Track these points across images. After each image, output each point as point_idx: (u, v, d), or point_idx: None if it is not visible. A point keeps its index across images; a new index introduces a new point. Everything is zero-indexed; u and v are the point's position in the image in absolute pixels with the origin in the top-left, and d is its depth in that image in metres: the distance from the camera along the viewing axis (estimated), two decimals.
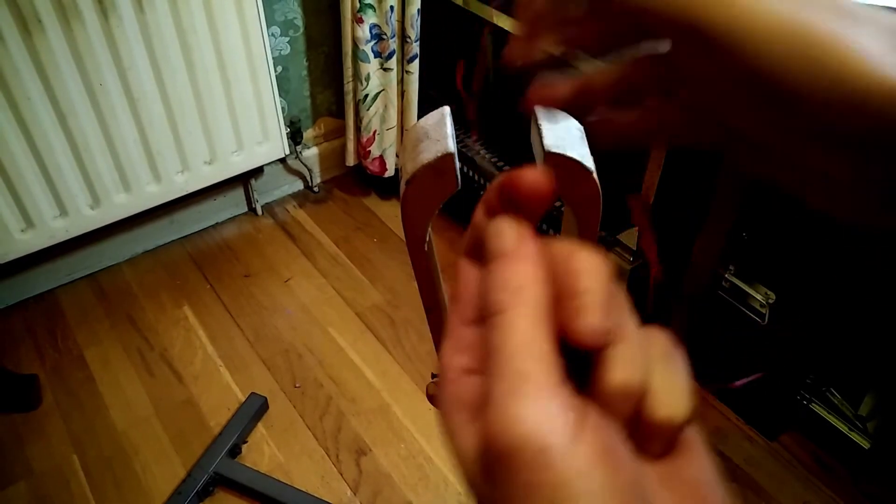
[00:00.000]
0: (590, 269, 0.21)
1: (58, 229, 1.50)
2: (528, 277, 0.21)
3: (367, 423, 1.39)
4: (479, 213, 0.24)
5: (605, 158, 0.31)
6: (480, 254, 0.24)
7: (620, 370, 0.21)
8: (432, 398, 0.50)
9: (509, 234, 0.22)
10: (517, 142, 1.48)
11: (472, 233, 0.24)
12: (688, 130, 0.30)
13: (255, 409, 1.38)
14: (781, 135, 0.24)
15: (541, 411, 0.18)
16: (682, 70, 0.26)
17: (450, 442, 0.22)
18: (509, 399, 0.19)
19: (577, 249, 0.22)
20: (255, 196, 1.86)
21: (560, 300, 0.21)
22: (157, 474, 1.31)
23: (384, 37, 1.61)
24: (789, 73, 0.22)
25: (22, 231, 1.46)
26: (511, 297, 0.21)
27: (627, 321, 0.22)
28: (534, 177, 0.22)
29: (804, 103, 0.22)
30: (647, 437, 0.21)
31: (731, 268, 1.24)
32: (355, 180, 1.99)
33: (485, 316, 0.21)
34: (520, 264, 0.21)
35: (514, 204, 0.23)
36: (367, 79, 1.67)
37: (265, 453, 1.35)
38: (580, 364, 0.21)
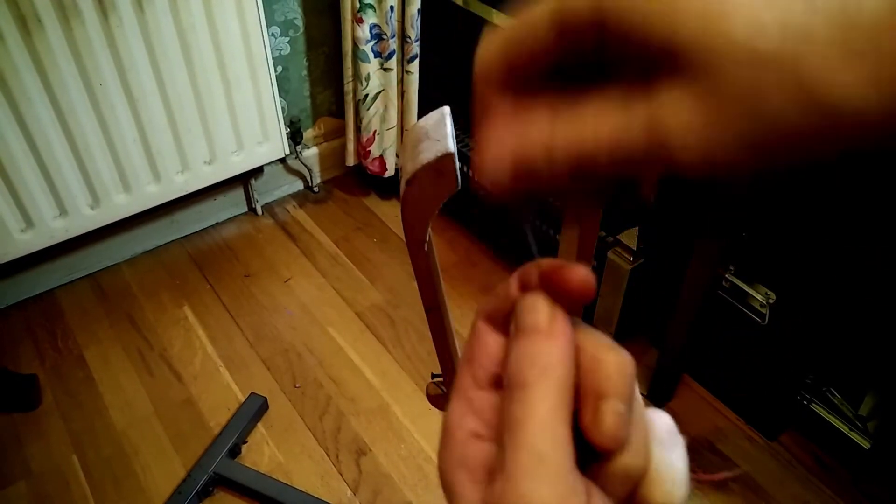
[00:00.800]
0: (618, 372, 0.21)
1: (57, 229, 1.50)
2: (556, 358, 0.21)
3: (366, 423, 1.39)
4: (512, 285, 0.24)
5: None
6: (502, 322, 0.24)
7: (625, 454, 0.21)
8: (432, 398, 0.50)
9: (544, 312, 0.22)
10: None
11: (500, 301, 0.24)
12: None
13: (255, 409, 1.38)
14: None
15: (552, 493, 0.19)
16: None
17: (449, 499, 0.22)
18: (524, 477, 0.20)
19: (607, 346, 0.22)
20: (255, 196, 1.86)
21: (584, 394, 0.21)
22: (156, 474, 1.31)
23: (384, 37, 1.61)
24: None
25: (22, 231, 1.46)
26: (538, 374, 0.21)
27: (636, 405, 0.22)
28: (583, 277, 0.22)
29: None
30: None
31: (732, 268, 1.24)
32: (355, 180, 1.99)
33: (506, 385, 0.22)
34: (551, 343, 0.22)
35: (554, 292, 0.23)
36: (368, 79, 1.67)
37: (265, 453, 1.35)
38: (582, 437, 0.21)
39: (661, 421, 0.24)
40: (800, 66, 0.16)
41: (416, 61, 1.65)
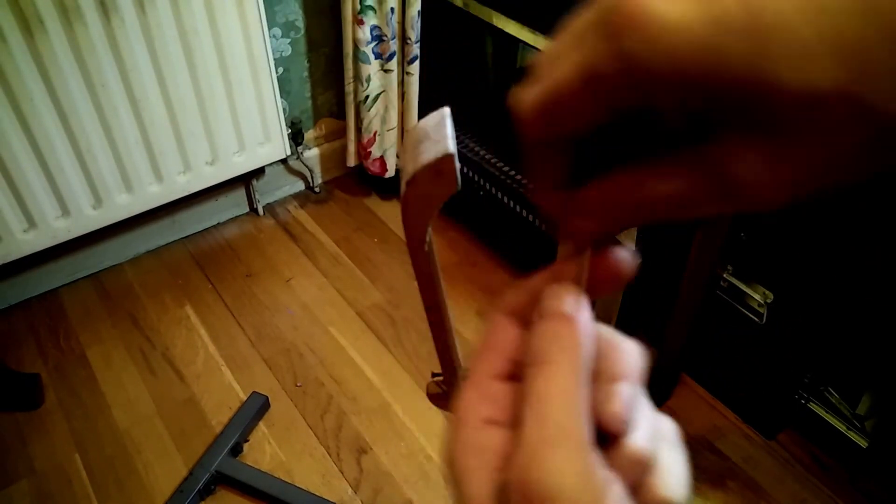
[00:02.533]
0: (631, 360, 0.22)
1: (60, 229, 1.51)
2: (579, 338, 0.22)
3: (367, 421, 1.40)
4: (540, 279, 0.25)
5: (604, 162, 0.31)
6: (522, 315, 0.24)
7: (636, 438, 0.22)
8: (432, 397, 0.51)
9: (570, 299, 0.23)
10: (517, 143, 1.48)
11: (523, 294, 0.25)
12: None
13: (257, 408, 1.39)
14: None
15: (576, 466, 0.19)
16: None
17: (459, 485, 0.22)
18: (547, 447, 0.19)
19: (622, 337, 0.23)
20: (257, 196, 1.87)
21: (597, 377, 0.22)
22: (158, 473, 1.32)
23: (385, 38, 1.62)
24: None
25: (24, 231, 1.47)
26: (561, 350, 0.21)
27: (645, 402, 0.23)
28: (627, 264, 0.23)
29: None
30: None
31: (729, 267, 1.25)
32: (356, 181, 2.00)
33: (527, 364, 0.22)
34: (574, 325, 0.22)
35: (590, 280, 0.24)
36: (368, 80, 1.67)
37: (266, 452, 1.35)
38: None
39: (665, 422, 0.24)
40: (863, 97, 0.15)
41: (417, 63, 1.65)
